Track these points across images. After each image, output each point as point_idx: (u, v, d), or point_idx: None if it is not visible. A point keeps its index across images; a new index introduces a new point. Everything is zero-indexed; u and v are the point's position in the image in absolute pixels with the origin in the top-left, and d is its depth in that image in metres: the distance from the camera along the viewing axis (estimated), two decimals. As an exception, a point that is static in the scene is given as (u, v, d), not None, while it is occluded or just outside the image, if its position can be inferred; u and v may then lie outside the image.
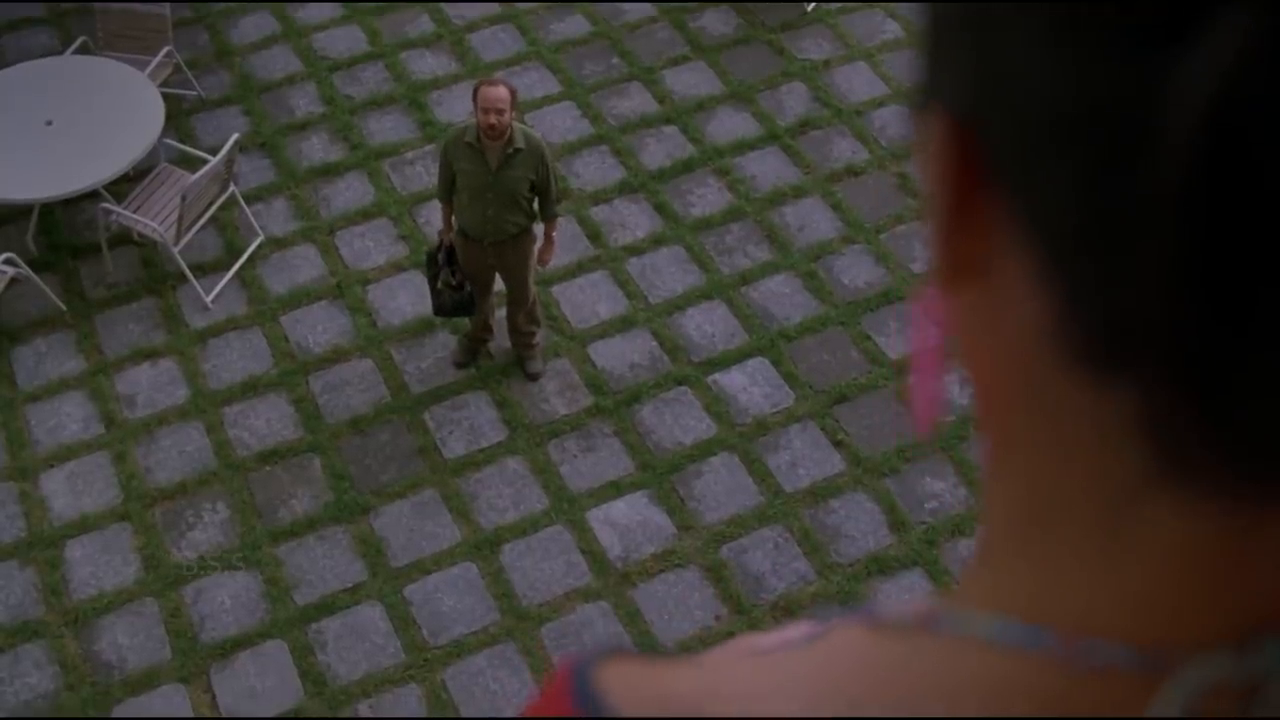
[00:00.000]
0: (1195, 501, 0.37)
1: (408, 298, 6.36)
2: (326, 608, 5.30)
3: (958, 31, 0.40)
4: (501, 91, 5.15)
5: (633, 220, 6.73)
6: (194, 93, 7.32)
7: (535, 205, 5.50)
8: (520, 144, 5.28)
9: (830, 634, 0.50)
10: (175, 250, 6.22)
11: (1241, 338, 0.34)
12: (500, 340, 6.09)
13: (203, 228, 6.41)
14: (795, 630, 0.87)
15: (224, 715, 5.02)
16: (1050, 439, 0.41)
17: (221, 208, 6.49)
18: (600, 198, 6.83)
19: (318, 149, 7.12)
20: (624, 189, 6.88)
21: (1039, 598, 0.42)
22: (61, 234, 6.70)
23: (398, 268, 6.52)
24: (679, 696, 0.49)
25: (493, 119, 5.15)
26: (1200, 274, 0.34)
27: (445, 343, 6.18)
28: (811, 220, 6.72)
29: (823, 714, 0.45)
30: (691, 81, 7.43)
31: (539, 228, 5.64)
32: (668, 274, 6.48)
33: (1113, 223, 0.35)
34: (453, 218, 5.58)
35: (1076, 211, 0.36)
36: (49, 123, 6.45)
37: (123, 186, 6.53)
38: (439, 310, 5.78)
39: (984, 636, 0.42)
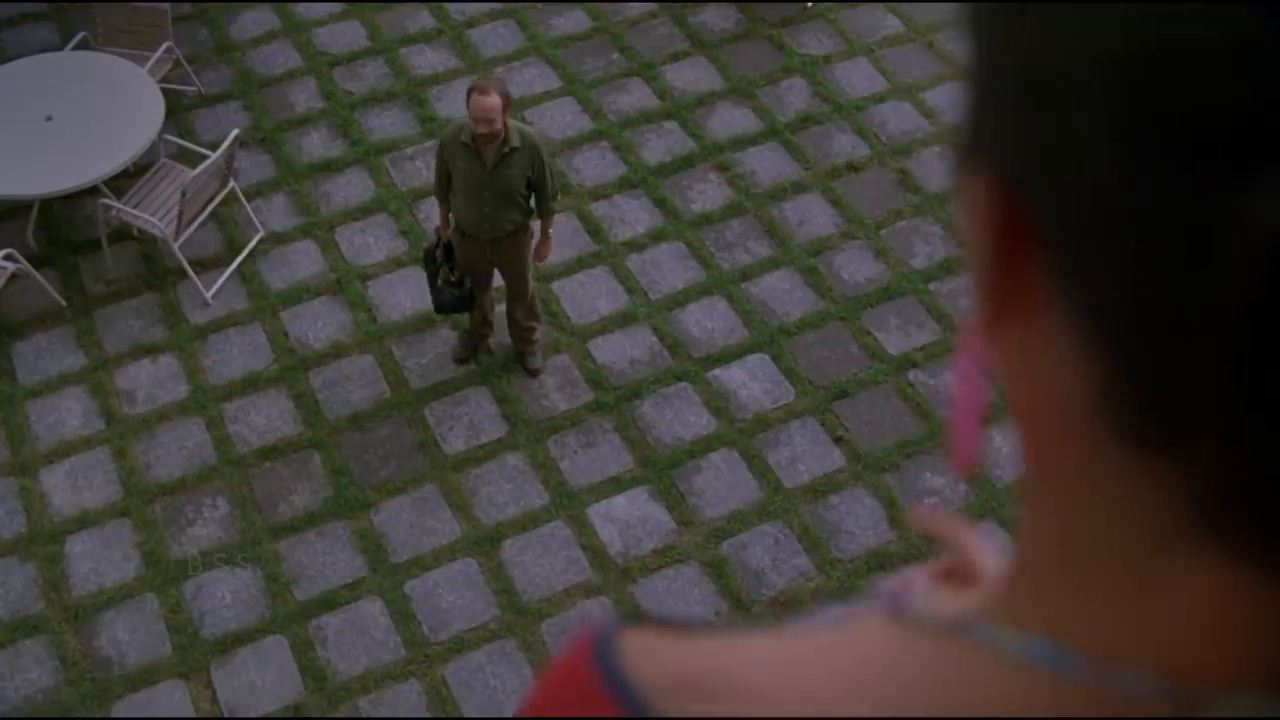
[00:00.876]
0: (1229, 555, 0.37)
1: (408, 293, 6.36)
2: (327, 603, 5.30)
3: (1010, 101, 0.38)
4: (493, 100, 5.10)
5: (633, 216, 6.72)
6: (194, 88, 7.31)
7: (532, 202, 5.50)
8: (516, 142, 5.26)
9: (856, 623, 0.49)
10: (175, 246, 6.22)
11: None
12: (500, 336, 6.09)
13: (203, 223, 6.41)
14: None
15: (224, 711, 5.02)
16: (1086, 486, 0.41)
17: (221, 203, 6.48)
18: (600, 193, 6.83)
19: (318, 144, 7.11)
20: (624, 185, 6.87)
21: (1071, 622, 0.42)
22: (61, 230, 6.70)
23: (398, 263, 6.51)
24: (700, 674, 0.49)
25: (484, 129, 5.14)
26: (1259, 375, 0.33)
27: (445, 338, 6.18)
28: (811, 216, 6.72)
29: (845, 712, 0.45)
30: (692, 77, 7.43)
31: (537, 224, 5.64)
32: (668, 270, 6.47)
33: (1172, 315, 0.35)
34: (450, 215, 5.58)
35: (1132, 298, 0.35)
36: (49, 118, 6.45)
37: (123, 182, 6.53)
38: (439, 307, 5.78)
39: (1014, 652, 0.42)
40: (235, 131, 6.33)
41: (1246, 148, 0.32)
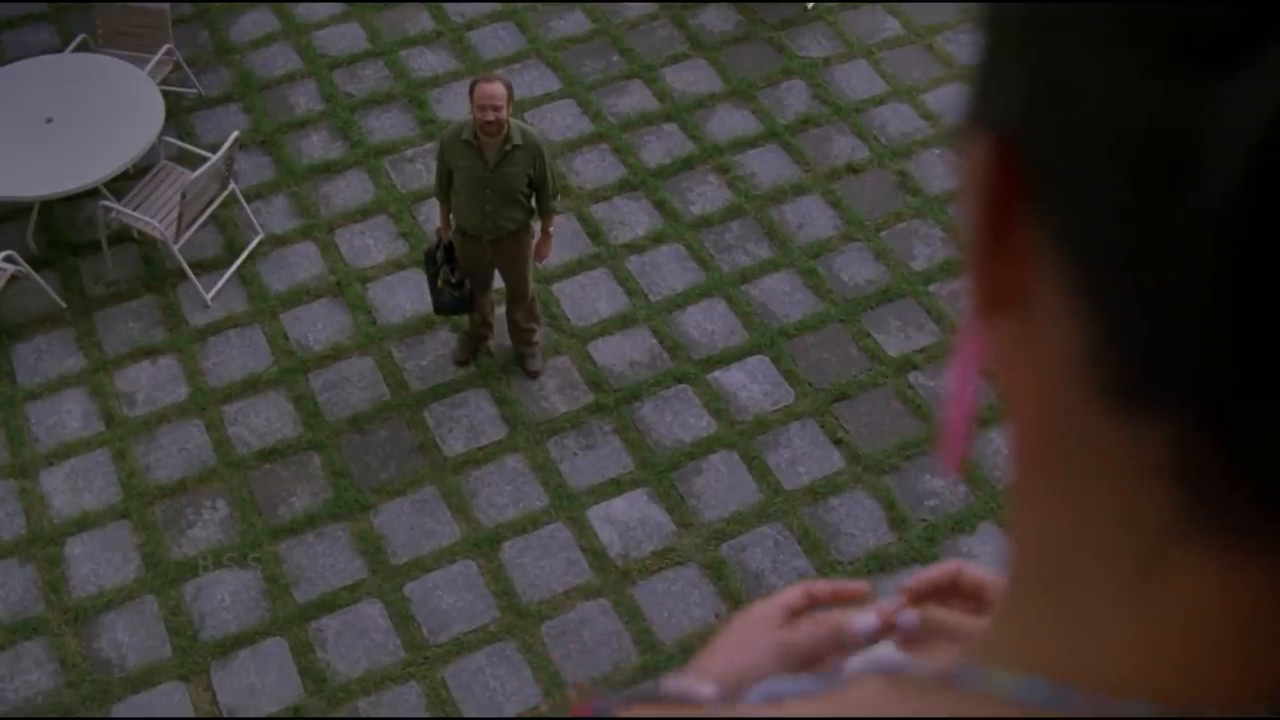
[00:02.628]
0: (1226, 551, 0.36)
1: (407, 295, 6.36)
2: (326, 605, 5.30)
3: (1017, 37, 0.39)
4: (498, 88, 5.15)
5: (633, 218, 6.73)
6: (194, 90, 7.31)
7: (533, 202, 5.50)
8: (517, 140, 5.27)
9: (850, 688, 0.49)
10: (175, 248, 6.22)
11: (1274, 379, 0.33)
12: (500, 338, 6.09)
13: (202, 225, 6.41)
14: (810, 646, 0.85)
15: (224, 713, 5.02)
16: (1082, 478, 0.40)
17: (221, 205, 6.48)
18: (600, 195, 6.83)
19: (318, 146, 7.11)
20: (624, 187, 6.87)
21: (1065, 654, 0.41)
22: (61, 231, 6.70)
23: (397, 265, 6.51)
24: None
25: (490, 115, 5.15)
26: (1236, 309, 0.33)
27: (445, 340, 6.18)
28: (811, 218, 6.72)
29: None
30: (692, 79, 7.43)
31: (537, 224, 5.64)
32: (668, 272, 6.48)
33: (1153, 249, 0.34)
34: (450, 216, 5.58)
35: (1117, 236, 0.35)
36: (49, 120, 6.45)
37: (123, 184, 6.53)
38: (440, 309, 5.78)
39: (1008, 696, 0.41)
40: (235, 133, 6.34)
41: (1234, 35, 0.32)
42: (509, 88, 5.22)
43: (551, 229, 5.68)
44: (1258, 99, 0.31)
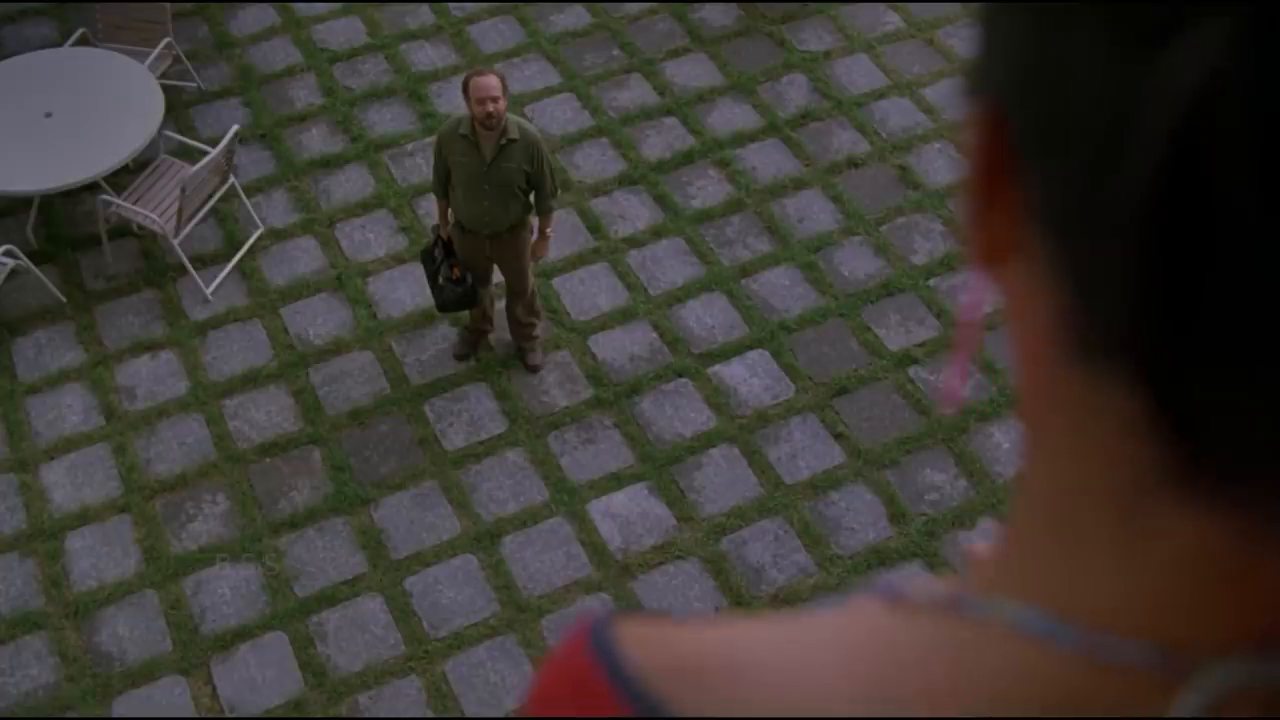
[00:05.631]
0: (1200, 502, 0.37)
1: (408, 289, 6.36)
2: (327, 599, 5.30)
3: (1007, 12, 0.41)
4: (493, 80, 5.15)
5: (633, 212, 6.72)
6: (194, 84, 7.31)
7: (532, 198, 5.49)
8: (514, 134, 5.26)
9: (852, 608, 0.50)
10: (175, 242, 6.22)
11: (1198, 346, 0.34)
12: (500, 332, 6.09)
13: (203, 219, 6.41)
14: None
15: (224, 707, 5.02)
16: (1071, 429, 0.41)
17: (221, 199, 6.48)
18: (600, 189, 6.83)
19: (317, 140, 7.11)
20: (624, 181, 6.87)
21: (1064, 590, 0.42)
22: (61, 226, 6.70)
23: (398, 259, 6.51)
24: (699, 660, 0.49)
25: (489, 107, 5.14)
26: (1160, 281, 0.34)
27: (445, 335, 6.18)
28: (812, 212, 6.72)
29: (843, 696, 0.45)
30: (692, 73, 7.42)
31: (537, 220, 5.63)
32: (668, 266, 6.47)
33: (1099, 222, 0.36)
34: (449, 212, 5.57)
35: (1074, 206, 0.37)
36: (49, 114, 6.45)
37: (122, 178, 6.53)
38: (443, 307, 5.76)
39: (1006, 623, 0.43)
40: (235, 127, 6.33)
41: (1169, 14, 0.33)
42: (503, 79, 5.22)
43: (549, 230, 5.66)
44: (1170, 88, 0.32)
